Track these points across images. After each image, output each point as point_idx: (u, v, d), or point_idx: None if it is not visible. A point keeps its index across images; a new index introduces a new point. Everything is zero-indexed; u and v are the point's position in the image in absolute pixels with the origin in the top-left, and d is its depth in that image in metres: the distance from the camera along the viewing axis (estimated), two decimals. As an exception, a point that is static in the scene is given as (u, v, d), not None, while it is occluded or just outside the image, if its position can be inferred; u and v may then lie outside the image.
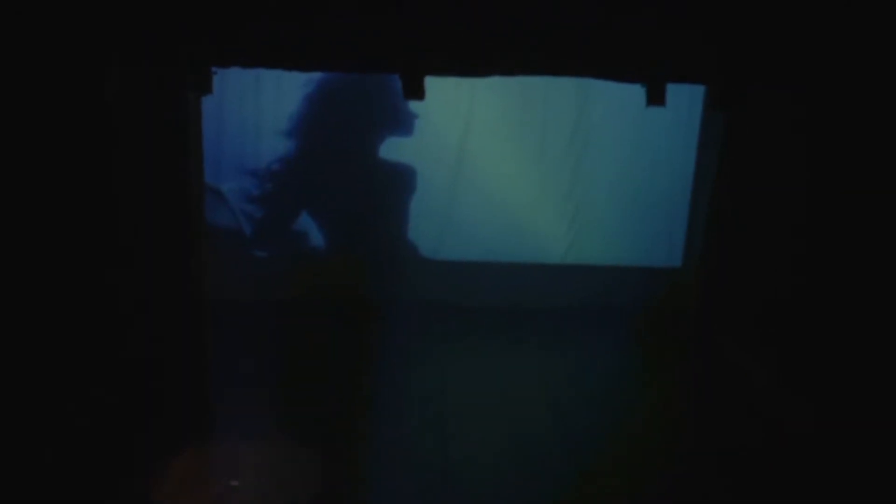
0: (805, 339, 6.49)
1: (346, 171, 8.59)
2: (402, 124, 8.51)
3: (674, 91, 6.32)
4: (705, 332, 8.35)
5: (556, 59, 6.01)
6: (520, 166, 8.61)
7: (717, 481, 5.87)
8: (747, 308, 7.62)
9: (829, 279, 6.22)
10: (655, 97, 6.27)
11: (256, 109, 8.38)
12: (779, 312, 6.91)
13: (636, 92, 6.31)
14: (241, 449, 6.14)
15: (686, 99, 8.11)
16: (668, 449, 6.32)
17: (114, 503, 5.46)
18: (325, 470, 5.92)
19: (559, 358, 7.82)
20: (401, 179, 8.67)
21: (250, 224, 8.75)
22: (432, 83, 6.15)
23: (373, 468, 5.91)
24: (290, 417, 6.52)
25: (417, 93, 6.15)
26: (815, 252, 6.42)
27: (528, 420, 6.65)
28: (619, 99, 7.99)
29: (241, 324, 8.05)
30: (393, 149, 8.60)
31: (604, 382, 7.34)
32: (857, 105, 5.86)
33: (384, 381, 7.13)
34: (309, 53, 5.93)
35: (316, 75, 8.17)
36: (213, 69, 6.30)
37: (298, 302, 8.41)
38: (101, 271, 6.57)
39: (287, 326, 8.08)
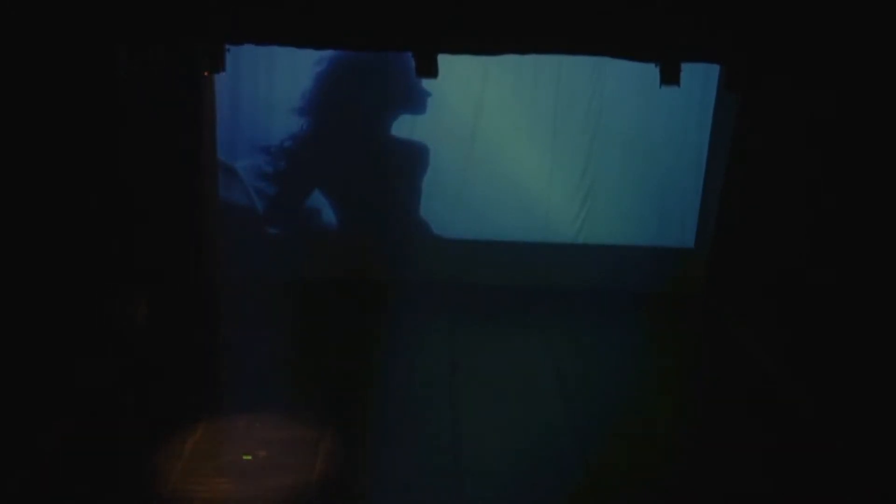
0: (816, 324, 6.46)
1: (359, 148, 8.60)
2: (415, 102, 8.49)
3: (688, 71, 6.27)
4: (716, 314, 8.35)
5: (569, 38, 5.97)
6: (532, 145, 8.58)
7: (726, 466, 5.87)
8: (758, 291, 7.59)
9: (842, 264, 6.19)
10: (670, 77, 6.22)
11: (269, 87, 8.39)
12: (790, 296, 6.88)
13: (650, 71, 6.27)
14: (252, 426, 6.19)
15: (700, 79, 8.07)
16: (678, 433, 6.33)
17: (125, 479, 5.52)
18: (335, 448, 5.96)
19: (570, 339, 7.83)
20: (413, 157, 8.66)
21: (263, 201, 8.77)
22: (445, 61, 6.13)
23: (382, 448, 5.94)
24: (300, 396, 6.56)
25: (430, 70, 6.13)
26: (828, 237, 6.38)
27: (537, 401, 6.67)
28: (633, 78, 7.95)
29: (253, 302, 8.10)
30: (406, 127, 8.58)
31: (614, 364, 7.34)
32: (873, 89, 5.80)
33: (395, 361, 7.15)
34: (322, 30, 5.91)
35: (329, 52, 8.16)
36: (227, 46, 6.30)
37: (310, 280, 8.45)
38: (113, 249, 6.61)
39: (298, 305, 8.12)
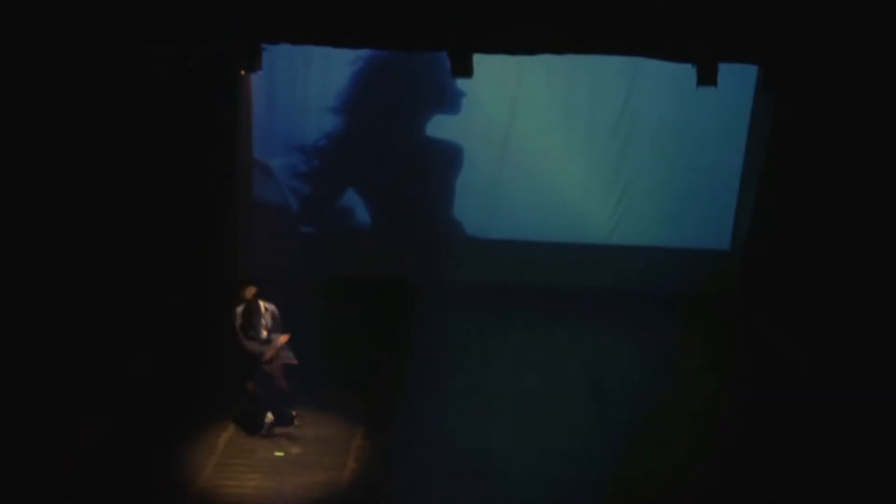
0: (854, 327, 6.39)
1: (393, 148, 8.63)
2: (449, 102, 8.50)
3: (725, 72, 6.22)
4: (751, 316, 8.27)
5: (605, 38, 5.95)
6: (566, 146, 8.55)
7: (761, 469, 5.83)
8: (794, 294, 7.51)
9: (878, 268, 6.11)
10: (707, 77, 6.16)
11: (305, 86, 8.45)
12: (827, 299, 6.80)
13: (686, 72, 6.22)
14: (284, 422, 6.24)
15: (738, 80, 7.97)
16: (711, 436, 6.30)
17: (159, 473, 5.59)
18: (366, 446, 5.99)
19: (602, 340, 7.79)
20: (447, 157, 8.67)
21: (298, 200, 8.83)
22: (479, 61, 6.13)
23: (413, 446, 5.96)
24: (332, 393, 6.61)
25: (465, 70, 6.14)
26: (870, 240, 6.29)
27: (569, 402, 6.67)
28: (668, 79, 7.88)
29: (286, 299, 8.13)
30: (439, 127, 8.60)
31: (647, 366, 7.30)
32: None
33: (426, 360, 7.17)
34: (357, 30, 5.95)
35: (364, 52, 8.20)
36: (263, 46, 6.36)
37: (342, 278, 8.49)
38: (149, 244, 6.69)
39: (330, 303, 8.14)
